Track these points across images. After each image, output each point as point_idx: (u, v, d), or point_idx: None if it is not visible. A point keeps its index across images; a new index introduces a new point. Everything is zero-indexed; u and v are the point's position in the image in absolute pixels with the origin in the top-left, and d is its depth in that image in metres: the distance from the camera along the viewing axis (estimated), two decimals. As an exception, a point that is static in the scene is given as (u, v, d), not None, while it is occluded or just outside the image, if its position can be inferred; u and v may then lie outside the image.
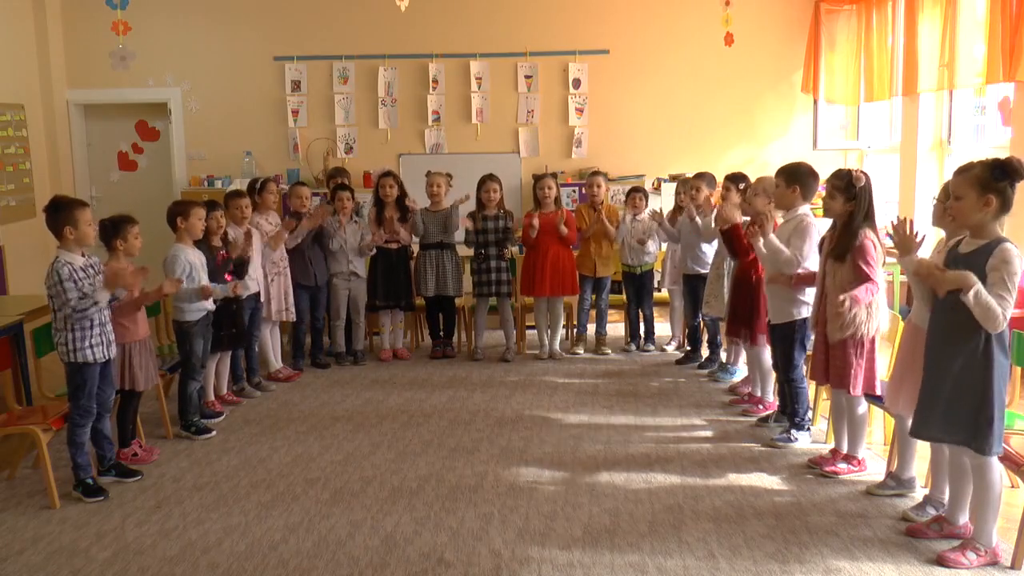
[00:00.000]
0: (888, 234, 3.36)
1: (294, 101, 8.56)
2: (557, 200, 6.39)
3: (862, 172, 3.89)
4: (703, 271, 5.87)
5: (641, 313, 6.66)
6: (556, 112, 8.58)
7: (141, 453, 4.46)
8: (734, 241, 5.09)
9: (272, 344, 5.98)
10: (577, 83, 8.52)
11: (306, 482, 4.14)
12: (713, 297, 5.58)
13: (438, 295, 6.44)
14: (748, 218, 5.16)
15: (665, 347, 6.64)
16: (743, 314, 4.97)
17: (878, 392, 3.94)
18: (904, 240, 3.29)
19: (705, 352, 6.17)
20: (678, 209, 6.39)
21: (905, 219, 3.32)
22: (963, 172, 3.08)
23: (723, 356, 6.01)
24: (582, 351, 6.60)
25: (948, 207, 3.18)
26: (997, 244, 3.00)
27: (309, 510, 3.81)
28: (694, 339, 6.32)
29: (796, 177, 4.43)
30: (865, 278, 3.79)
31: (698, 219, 5.89)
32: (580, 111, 8.55)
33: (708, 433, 4.77)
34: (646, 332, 6.67)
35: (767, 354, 5.01)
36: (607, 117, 8.53)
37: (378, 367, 6.34)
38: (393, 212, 6.36)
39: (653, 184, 8.15)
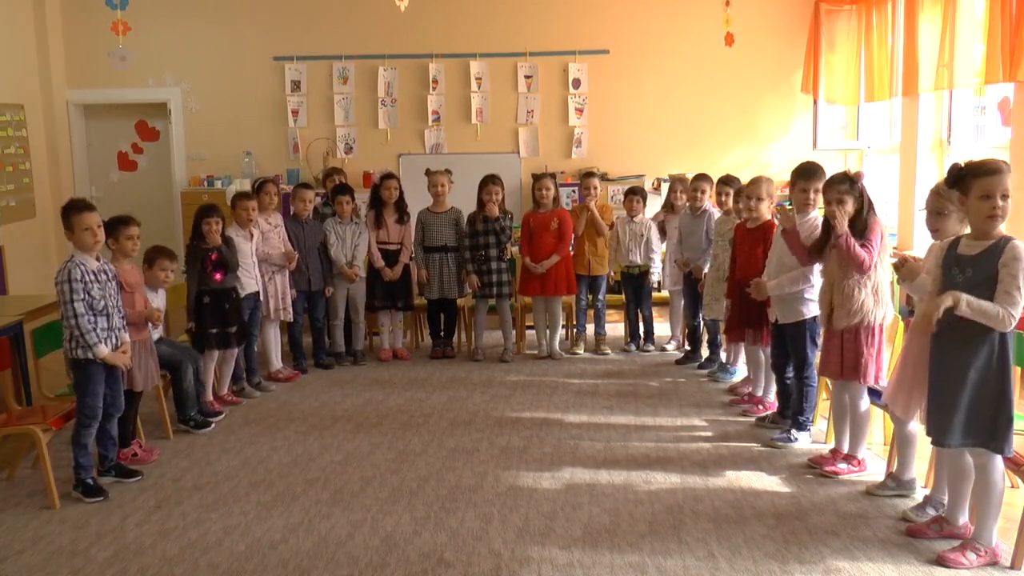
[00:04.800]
0: (895, 264, 3.56)
1: (294, 101, 8.57)
2: (556, 200, 6.39)
3: (858, 172, 3.96)
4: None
5: (640, 313, 6.65)
6: (556, 112, 8.59)
7: (141, 453, 4.46)
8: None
9: (273, 344, 5.98)
10: (577, 83, 8.53)
11: (306, 482, 4.14)
12: (714, 300, 5.58)
13: (441, 297, 6.44)
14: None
15: (665, 347, 6.64)
16: (753, 316, 4.89)
17: (881, 387, 3.93)
18: (909, 270, 3.44)
19: (705, 352, 6.16)
20: (669, 207, 6.43)
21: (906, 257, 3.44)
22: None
23: (723, 356, 6.01)
24: (582, 351, 6.59)
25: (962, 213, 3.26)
26: (1006, 243, 3.00)
27: (309, 510, 3.81)
28: (694, 339, 6.32)
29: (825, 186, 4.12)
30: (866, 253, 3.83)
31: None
32: (580, 111, 8.56)
33: (708, 433, 4.77)
34: (645, 332, 6.67)
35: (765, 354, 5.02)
36: (607, 117, 8.54)
37: (378, 367, 6.34)
38: (392, 214, 6.36)
39: (653, 184, 8.15)
